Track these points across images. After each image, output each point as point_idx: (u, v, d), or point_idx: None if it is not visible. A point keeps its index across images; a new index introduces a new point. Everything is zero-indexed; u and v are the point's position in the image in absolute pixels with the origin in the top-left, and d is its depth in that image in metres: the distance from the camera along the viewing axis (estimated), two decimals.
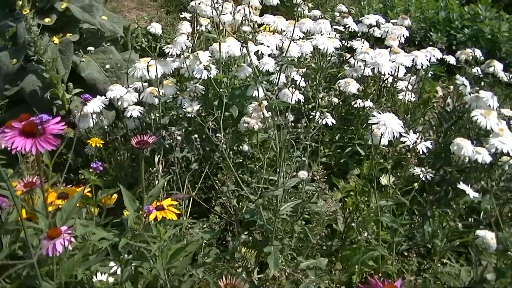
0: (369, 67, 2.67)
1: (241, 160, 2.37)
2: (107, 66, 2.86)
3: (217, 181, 2.33)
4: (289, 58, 2.43)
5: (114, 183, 2.41)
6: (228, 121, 2.43)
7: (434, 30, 4.76)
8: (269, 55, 2.53)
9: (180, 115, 2.44)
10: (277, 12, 3.45)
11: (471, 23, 4.69)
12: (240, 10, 2.75)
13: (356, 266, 2.13)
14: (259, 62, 2.49)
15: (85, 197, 1.81)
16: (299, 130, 1.85)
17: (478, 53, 2.88)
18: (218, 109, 2.30)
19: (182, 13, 3.02)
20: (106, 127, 2.50)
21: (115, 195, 1.92)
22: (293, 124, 1.84)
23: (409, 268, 2.26)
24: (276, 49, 2.45)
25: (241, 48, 1.85)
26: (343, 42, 3.01)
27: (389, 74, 2.63)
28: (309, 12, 3.28)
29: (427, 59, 2.73)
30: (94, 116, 2.43)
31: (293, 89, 2.07)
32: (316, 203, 2.11)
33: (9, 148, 1.27)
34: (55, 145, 1.31)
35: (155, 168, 2.13)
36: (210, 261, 2.07)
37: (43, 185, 1.54)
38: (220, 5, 2.69)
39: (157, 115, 2.42)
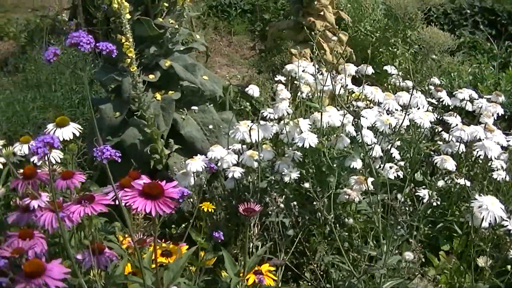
0: (474, 150, 2.65)
1: (346, 234, 2.38)
2: (210, 126, 2.94)
3: (311, 247, 2.37)
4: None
5: (208, 242, 2.48)
6: (325, 190, 2.47)
7: None
8: (367, 128, 2.57)
9: (277, 180, 2.50)
10: (367, 78, 3.51)
11: None
12: (341, 79, 2.81)
13: None
14: (356, 134, 2.55)
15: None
16: (406, 209, 1.88)
17: None
18: (317, 178, 2.34)
19: (276, 75, 3.08)
20: (205, 186, 2.57)
21: None
22: (401, 205, 1.87)
23: None
24: (389, 127, 2.49)
25: (353, 121, 1.90)
26: (435, 114, 3.03)
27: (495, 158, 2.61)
28: (401, 83, 3.32)
29: None
30: (194, 174, 2.50)
31: (394, 165, 2.11)
32: (412, 280, 2.12)
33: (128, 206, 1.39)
34: (173, 208, 1.40)
35: (251, 232, 2.19)
36: None
37: (156, 244, 1.62)
38: (320, 73, 2.76)
39: (254, 178, 2.48)
